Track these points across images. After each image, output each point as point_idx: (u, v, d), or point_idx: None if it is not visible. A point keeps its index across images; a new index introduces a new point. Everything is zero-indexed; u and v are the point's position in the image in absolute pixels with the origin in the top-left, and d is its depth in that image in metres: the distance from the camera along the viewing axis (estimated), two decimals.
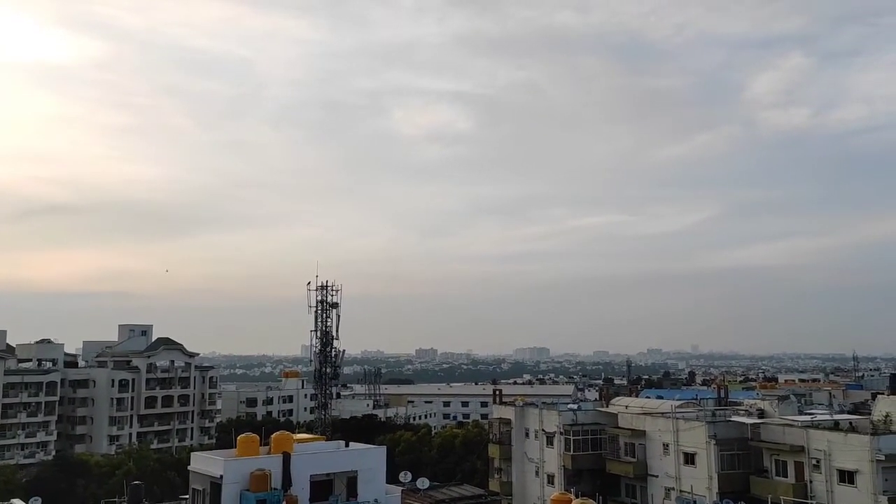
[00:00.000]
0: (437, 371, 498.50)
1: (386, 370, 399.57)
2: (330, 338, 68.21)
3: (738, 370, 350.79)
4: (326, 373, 68.20)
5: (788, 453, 46.00)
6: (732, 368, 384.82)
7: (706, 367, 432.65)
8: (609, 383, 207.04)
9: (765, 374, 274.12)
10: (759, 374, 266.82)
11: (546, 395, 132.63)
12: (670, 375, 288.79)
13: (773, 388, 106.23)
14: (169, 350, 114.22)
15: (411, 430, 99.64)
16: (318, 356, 67.95)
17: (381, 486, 36.23)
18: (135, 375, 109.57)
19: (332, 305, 68.54)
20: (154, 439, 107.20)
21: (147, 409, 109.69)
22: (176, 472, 70.72)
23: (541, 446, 62.08)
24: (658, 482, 52.80)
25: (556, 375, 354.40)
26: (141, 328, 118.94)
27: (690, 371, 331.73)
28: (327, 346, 68.02)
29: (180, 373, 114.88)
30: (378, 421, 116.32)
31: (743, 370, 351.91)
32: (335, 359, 68.55)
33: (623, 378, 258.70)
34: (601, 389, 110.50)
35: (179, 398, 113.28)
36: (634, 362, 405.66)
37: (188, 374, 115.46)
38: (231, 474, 32.64)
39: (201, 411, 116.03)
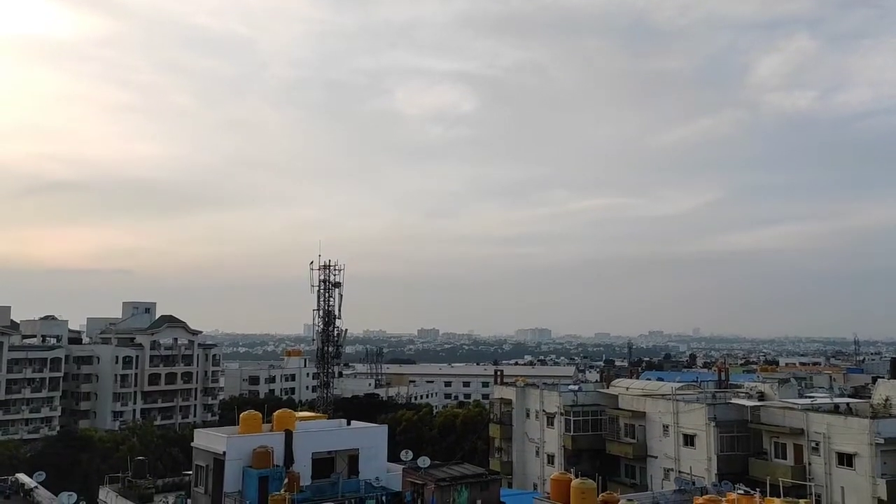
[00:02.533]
0: (439, 351, 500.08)
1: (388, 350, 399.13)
2: (332, 317, 68.23)
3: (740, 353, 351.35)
4: (328, 352, 68.35)
5: (788, 436, 46.20)
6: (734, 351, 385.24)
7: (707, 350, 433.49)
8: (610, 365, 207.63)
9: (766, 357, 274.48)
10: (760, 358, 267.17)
11: (547, 376, 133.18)
12: (671, 358, 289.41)
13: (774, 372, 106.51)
14: (172, 328, 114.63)
15: (413, 409, 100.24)
16: (320, 335, 68.08)
17: (382, 464, 36.50)
18: (138, 352, 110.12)
19: (334, 285, 68.47)
20: (157, 416, 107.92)
21: (151, 385, 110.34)
22: (179, 449, 71.35)
23: (541, 427, 62.40)
24: (657, 463, 53.13)
25: (558, 357, 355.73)
26: (144, 305, 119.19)
27: (691, 354, 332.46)
28: (329, 325, 68.05)
29: (183, 350, 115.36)
30: (380, 400, 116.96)
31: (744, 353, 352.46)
32: (337, 338, 68.67)
33: (624, 360, 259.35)
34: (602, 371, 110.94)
35: (183, 375, 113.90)
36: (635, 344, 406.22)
37: (191, 351, 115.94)
38: (234, 451, 32.92)
39: (204, 389, 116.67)
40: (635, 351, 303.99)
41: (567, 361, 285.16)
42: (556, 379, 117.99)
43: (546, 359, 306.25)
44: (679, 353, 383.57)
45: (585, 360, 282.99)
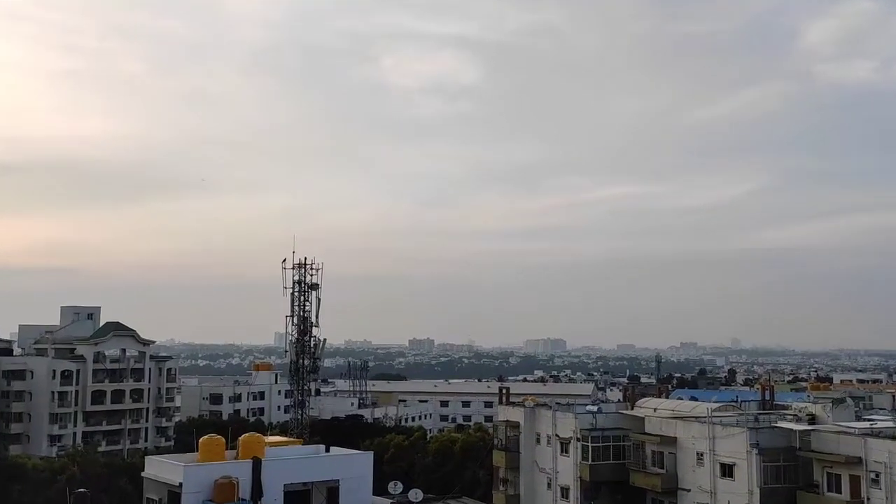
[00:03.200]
0: (434, 365, 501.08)
1: (374, 363, 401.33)
2: (308, 325, 68.38)
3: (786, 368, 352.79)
4: (304, 365, 68.47)
5: (843, 465, 46.33)
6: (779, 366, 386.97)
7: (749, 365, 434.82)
8: (635, 382, 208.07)
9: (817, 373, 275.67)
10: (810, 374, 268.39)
11: (561, 395, 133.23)
12: (706, 374, 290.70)
13: (827, 390, 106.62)
14: (120, 337, 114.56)
15: (403, 433, 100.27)
16: (294, 346, 68.19)
17: (366, 497, 36.54)
18: (80, 366, 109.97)
19: (311, 287, 68.63)
20: (102, 440, 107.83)
21: (94, 405, 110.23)
22: (127, 479, 71.26)
23: (554, 454, 62.49)
24: (690, 497, 53.25)
25: (573, 372, 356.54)
26: (87, 310, 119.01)
27: (730, 369, 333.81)
28: (305, 334, 68.20)
29: (133, 363, 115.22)
30: (364, 422, 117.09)
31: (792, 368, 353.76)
32: (314, 349, 68.79)
33: (651, 376, 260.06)
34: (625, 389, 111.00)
35: (132, 393, 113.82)
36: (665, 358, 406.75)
37: (142, 364, 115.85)
38: (192, 482, 32.86)
39: (157, 409, 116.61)
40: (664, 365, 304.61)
41: (584, 378, 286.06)
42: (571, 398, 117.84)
43: (560, 374, 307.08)
44: (716, 369, 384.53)
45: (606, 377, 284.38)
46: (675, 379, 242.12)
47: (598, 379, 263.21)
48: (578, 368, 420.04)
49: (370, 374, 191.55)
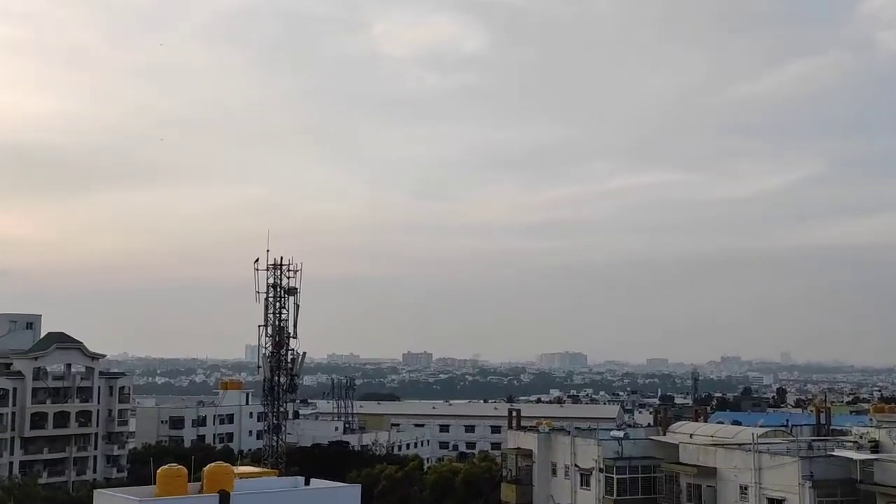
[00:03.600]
0: (433, 383, 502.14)
1: (362, 381, 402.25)
2: (285, 336, 68.27)
3: (845, 387, 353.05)
4: (280, 383, 68.36)
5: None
6: (837, 385, 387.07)
7: (801, 383, 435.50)
8: (668, 403, 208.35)
9: (881, 392, 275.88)
10: (872, 394, 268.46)
11: (581, 419, 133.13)
12: (752, 393, 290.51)
13: (892, 413, 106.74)
14: (64, 350, 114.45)
15: (395, 462, 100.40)
16: (268, 361, 68.09)
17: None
18: (17, 384, 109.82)
19: (288, 291, 68.54)
20: (43, 471, 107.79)
21: (34, 429, 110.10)
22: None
23: (573, 487, 62.43)
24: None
25: (596, 391, 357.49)
26: (25, 319, 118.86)
27: (779, 388, 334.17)
28: (281, 347, 68.10)
29: (79, 381, 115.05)
30: (350, 450, 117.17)
31: (851, 387, 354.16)
32: (292, 365, 68.70)
33: (687, 396, 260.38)
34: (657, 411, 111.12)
35: (78, 416, 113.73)
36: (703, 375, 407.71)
37: (90, 382, 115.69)
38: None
39: (108, 434, 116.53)
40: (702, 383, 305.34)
41: (608, 398, 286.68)
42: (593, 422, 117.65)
43: (580, 394, 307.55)
44: (762, 387, 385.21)
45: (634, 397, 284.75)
46: (714, 399, 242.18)
47: (625, 399, 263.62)
48: (601, 387, 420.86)
49: (357, 394, 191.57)
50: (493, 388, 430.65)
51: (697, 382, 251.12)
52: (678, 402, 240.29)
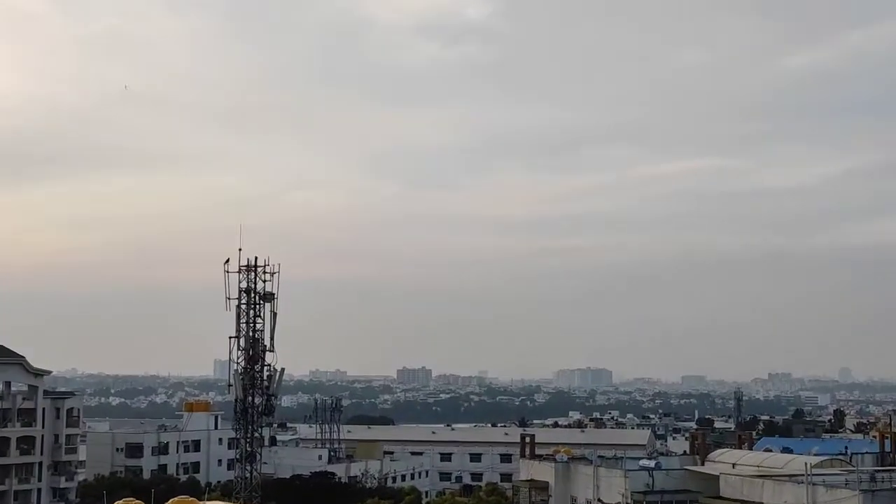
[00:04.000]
0: (432, 404, 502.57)
1: (350, 402, 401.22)
2: (260, 349, 68.40)
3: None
4: (255, 405, 68.48)
5: None
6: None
7: (862, 404, 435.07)
8: (706, 427, 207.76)
9: None
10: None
11: (605, 445, 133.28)
12: (804, 416, 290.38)
13: None
14: (2, 366, 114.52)
15: (389, 496, 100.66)
16: (240, 378, 68.23)
17: None
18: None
19: (264, 297, 68.67)
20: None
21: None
22: None
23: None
24: None
25: (622, 414, 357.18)
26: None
27: (837, 409, 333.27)
28: (256, 362, 68.22)
29: (21, 402, 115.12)
30: (336, 482, 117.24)
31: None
32: (269, 382, 68.84)
33: (729, 419, 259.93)
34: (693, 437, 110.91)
35: (20, 442, 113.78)
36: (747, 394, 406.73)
37: (33, 403, 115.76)
38: None
39: (54, 463, 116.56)
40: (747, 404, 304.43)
41: (637, 422, 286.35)
42: (619, 449, 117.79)
43: (604, 417, 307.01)
44: (817, 409, 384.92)
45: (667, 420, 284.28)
46: (761, 423, 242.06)
47: (657, 423, 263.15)
48: (629, 409, 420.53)
49: (344, 417, 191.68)
50: (502, 410, 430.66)
51: (741, 403, 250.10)
52: (718, 426, 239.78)
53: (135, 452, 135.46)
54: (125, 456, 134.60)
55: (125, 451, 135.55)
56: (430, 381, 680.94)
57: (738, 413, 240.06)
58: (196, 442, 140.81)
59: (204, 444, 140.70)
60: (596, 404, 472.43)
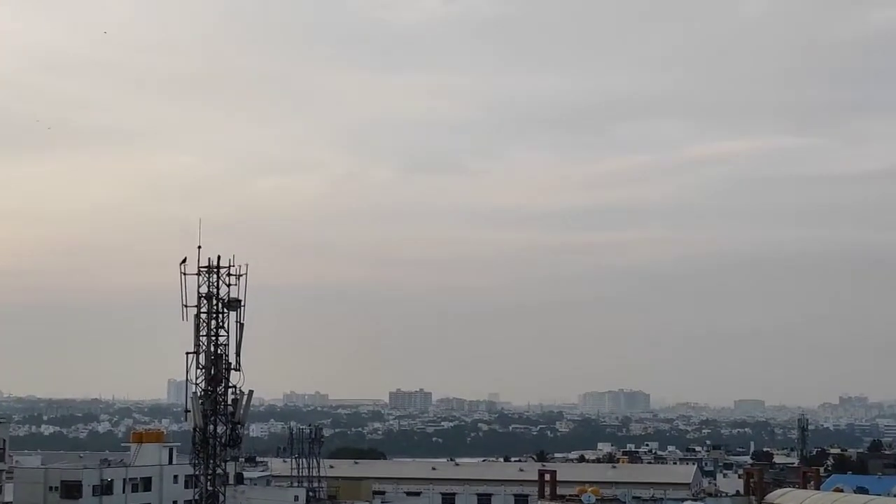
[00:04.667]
0: (431, 434, 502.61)
1: (333, 431, 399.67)
2: (224, 367, 68.48)
3: None
4: (217, 435, 68.60)
5: None
6: None
7: None
8: (764, 462, 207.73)
9: None
10: None
11: (641, 484, 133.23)
12: (883, 448, 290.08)
13: None
14: None
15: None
16: (200, 402, 68.29)
17: None
18: None
19: (228, 305, 68.67)
20: None
21: None
22: None
23: None
24: None
25: (662, 446, 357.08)
26: None
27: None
28: (219, 382, 68.26)
29: None
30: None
31: None
32: (234, 408, 68.93)
33: (791, 452, 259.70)
34: (748, 474, 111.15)
35: None
36: (814, 422, 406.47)
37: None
38: None
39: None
40: (814, 435, 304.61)
41: (680, 455, 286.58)
42: (658, 489, 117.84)
43: (640, 450, 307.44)
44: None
45: (717, 453, 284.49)
46: (830, 457, 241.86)
47: (704, 457, 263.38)
48: (670, 440, 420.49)
49: (326, 449, 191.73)
50: (517, 441, 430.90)
51: (806, 433, 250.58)
52: (779, 460, 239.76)
53: (72, 492, 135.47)
54: (60, 496, 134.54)
55: (61, 491, 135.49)
56: (430, 406, 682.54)
57: (803, 445, 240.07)
58: (146, 480, 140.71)
59: (156, 482, 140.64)
60: (630, 434, 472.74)
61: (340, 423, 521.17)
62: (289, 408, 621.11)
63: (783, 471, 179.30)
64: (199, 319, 68.43)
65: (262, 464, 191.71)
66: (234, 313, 68.90)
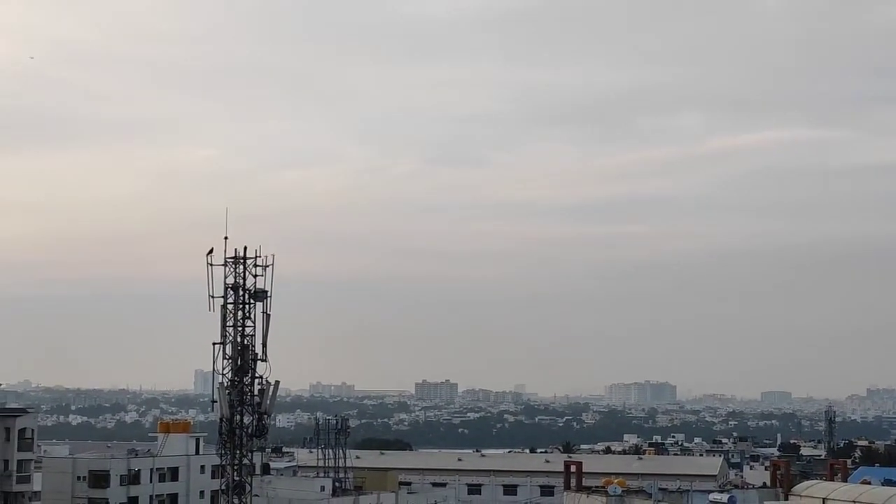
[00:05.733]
0: (457, 426, 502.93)
1: (359, 422, 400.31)
2: (250, 358, 68.57)
3: None
4: (243, 425, 68.71)
5: None
6: None
7: None
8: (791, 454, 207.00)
9: None
10: None
11: (667, 476, 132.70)
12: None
13: None
14: None
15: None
16: (226, 393, 68.44)
17: None
18: None
19: (255, 296, 68.76)
20: None
21: None
22: None
23: None
24: None
25: (689, 437, 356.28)
26: None
27: None
28: (245, 373, 68.39)
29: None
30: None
31: None
32: (260, 398, 69.03)
33: (819, 444, 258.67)
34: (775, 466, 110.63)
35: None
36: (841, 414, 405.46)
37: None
38: None
39: (3, 494, 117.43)
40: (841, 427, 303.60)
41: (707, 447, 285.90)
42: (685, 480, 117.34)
43: (666, 442, 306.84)
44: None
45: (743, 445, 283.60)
46: (858, 450, 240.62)
47: (730, 449, 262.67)
48: (696, 431, 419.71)
49: (352, 440, 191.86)
50: (543, 433, 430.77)
51: (833, 425, 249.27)
52: (806, 452, 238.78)
53: (100, 482, 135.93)
54: (88, 486, 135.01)
55: (88, 481, 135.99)
56: (456, 397, 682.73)
57: (830, 437, 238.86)
58: (173, 470, 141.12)
59: (183, 473, 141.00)
60: (656, 426, 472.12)
61: (366, 414, 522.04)
62: (315, 398, 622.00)
63: (810, 463, 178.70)
64: (225, 310, 68.49)
65: (289, 454, 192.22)
66: (260, 304, 68.90)
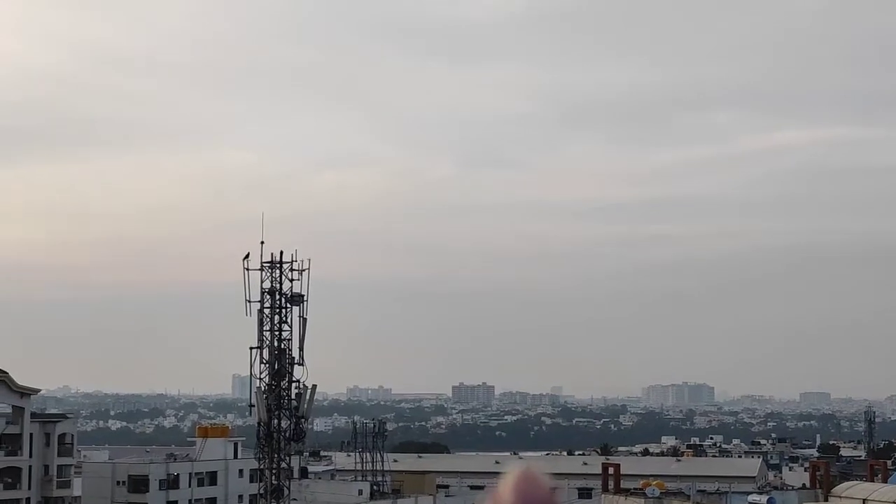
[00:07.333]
0: (495, 428, 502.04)
1: (396, 425, 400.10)
2: (288, 362, 68.74)
3: None
4: (281, 429, 68.89)
5: None
6: None
7: None
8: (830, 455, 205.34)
9: None
10: None
11: (706, 477, 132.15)
12: None
13: None
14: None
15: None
16: (264, 397, 68.64)
17: None
18: None
19: (292, 300, 68.92)
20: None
21: None
22: None
23: None
24: None
25: (727, 439, 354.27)
26: None
27: None
28: (283, 377, 68.57)
29: (4, 426, 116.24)
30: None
31: None
32: (298, 402, 69.18)
33: (858, 445, 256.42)
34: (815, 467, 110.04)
35: (3, 474, 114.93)
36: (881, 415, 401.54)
37: (19, 428, 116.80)
38: None
39: (44, 499, 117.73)
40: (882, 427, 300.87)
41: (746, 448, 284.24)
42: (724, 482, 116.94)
43: (704, 443, 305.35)
44: None
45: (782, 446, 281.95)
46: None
47: (769, 450, 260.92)
48: (735, 432, 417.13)
49: (390, 444, 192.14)
50: (580, 435, 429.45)
51: (873, 426, 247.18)
52: (845, 453, 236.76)
53: (139, 486, 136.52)
54: (128, 490, 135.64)
55: (128, 485, 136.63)
56: (493, 400, 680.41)
57: (870, 438, 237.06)
58: (212, 474, 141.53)
59: (221, 477, 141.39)
60: (694, 427, 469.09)
61: (404, 418, 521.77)
62: (352, 402, 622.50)
63: (850, 464, 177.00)
64: (262, 314, 68.60)
65: (327, 458, 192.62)
66: (296, 308, 68.93)
